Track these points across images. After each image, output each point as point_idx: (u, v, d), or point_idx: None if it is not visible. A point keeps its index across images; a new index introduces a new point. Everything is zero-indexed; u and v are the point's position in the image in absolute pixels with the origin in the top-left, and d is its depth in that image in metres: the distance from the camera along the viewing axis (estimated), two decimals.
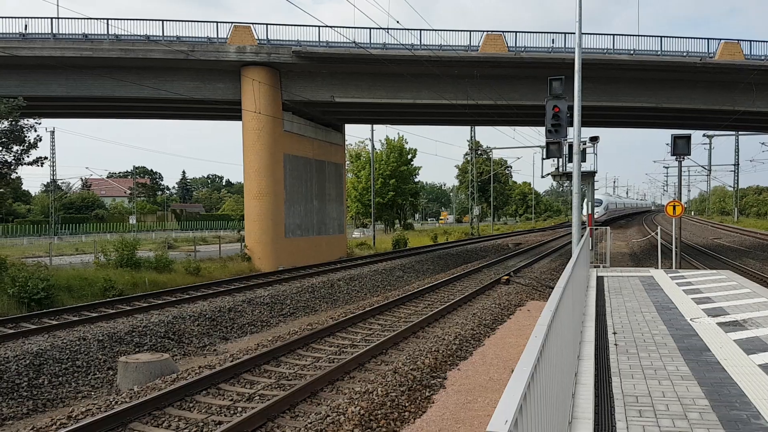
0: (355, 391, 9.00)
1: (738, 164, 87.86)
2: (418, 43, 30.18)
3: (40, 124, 24.86)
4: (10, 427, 9.07)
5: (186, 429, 7.70)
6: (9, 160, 23.68)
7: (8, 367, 11.10)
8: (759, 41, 31.13)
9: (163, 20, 29.62)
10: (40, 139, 24.90)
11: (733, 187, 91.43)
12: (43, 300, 17.01)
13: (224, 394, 9.20)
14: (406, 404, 8.74)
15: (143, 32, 29.57)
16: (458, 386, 9.77)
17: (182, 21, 30.33)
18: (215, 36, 30.08)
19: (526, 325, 14.62)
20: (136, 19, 29.29)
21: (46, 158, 26.22)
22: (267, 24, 30.39)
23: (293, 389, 8.72)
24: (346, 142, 42.48)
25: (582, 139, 18.26)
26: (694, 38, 31.31)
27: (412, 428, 7.95)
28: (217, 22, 30.12)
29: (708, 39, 31.19)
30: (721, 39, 31.12)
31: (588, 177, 24.35)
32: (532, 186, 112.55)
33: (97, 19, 29.40)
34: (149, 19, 29.87)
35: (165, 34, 29.61)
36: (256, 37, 30.02)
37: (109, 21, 29.19)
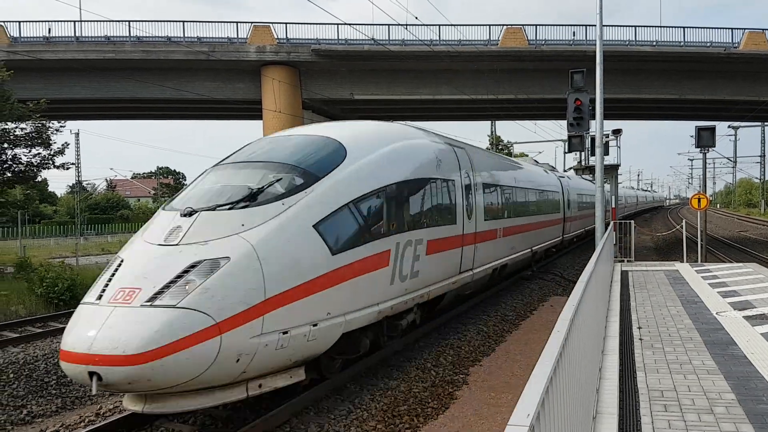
0: (378, 387, 9.04)
1: (764, 155, 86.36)
2: (437, 38, 30.12)
3: (64, 126, 25.29)
4: (40, 424, 9.24)
5: None
6: (34, 162, 24.09)
7: (37, 366, 11.32)
8: None
9: (183, 21, 29.94)
10: (68, 146, 25.32)
11: (760, 179, 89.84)
12: (69, 300, 17.29)
13: None
14: (429, 400, 8.75)
15: (164, 33, 29.88)
16: (481, 382, 9.76)
17: (202, 22, 30.70)
18: (235, 36, 30.33)
19: (550, 320, 14.54)
20: (157, 21, 29.62)
21: (73, 164, 26.67)
22: (286, 23, 30.59)
23: None
24: None
25: (604, 132, 18.09)
26: (717, 28, 30.92)
27: (434, 424, 7.96)
28: (237, 22, 30.38)
29: (732, 29, 30.76)
30: (745, 29, 30.66)
31: (611, 170, 24.09)
32: None
33: (118, 21, 29.81)
34: (170, 21, 30.21)
35: (186, 35, 29.90)
36: (276, 37, 30.18)
37: (131, 23, 29.53)
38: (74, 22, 29.66)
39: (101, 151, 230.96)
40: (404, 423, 7.87)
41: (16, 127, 23.46)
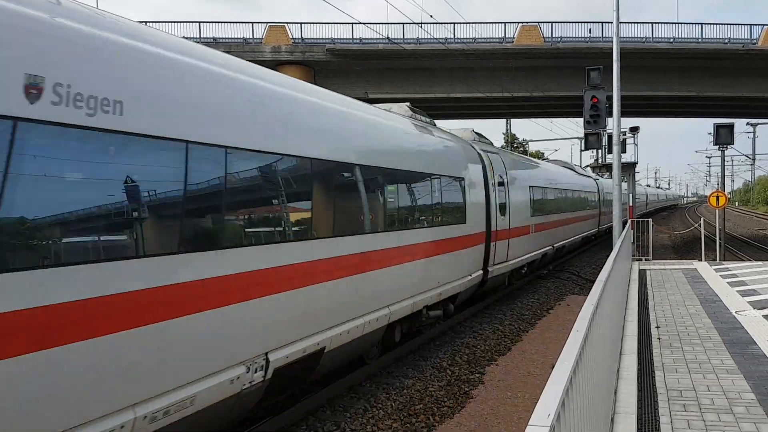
0: (394, 386, 9.04)
1: None
2: (452, 36, 30.07)
3: None
4: None
5: None
6: None
7: None
8: None
9: (199, 22, 30.18)
10: None
11: None
12: None
13: None
14: (445, 399, 8.74)
15: (180, 34, 30.06)
16: (497, 381, 9.73)
17: (218, 22, 30.82)
18: (251, 36, 30.45)
19: (567, 320, 14.46)
20: (173, 22, 29.83)
21: None
22: (301, 23, 30.67)
23: None
24: None
25: (621, 130, 17.95)
26: (735, 24, 30.74)
27: (450, 423, 7.95)
28: (252, 23, 30.51)
29: (750, 25, 30.43)
30: (763, 25, 30.31)
31: (628, 168, 23.92)
32: None
33: (135, 22, 30.05)
34: (186, 21, 30.43)
35: (202, 36, 30.08)
36: (291, 37, 30.28)
37: (147, 23, 29.73)
38: None
39: None
40: (420, 422, 7.87)
41: None
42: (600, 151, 24.65)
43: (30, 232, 3.97)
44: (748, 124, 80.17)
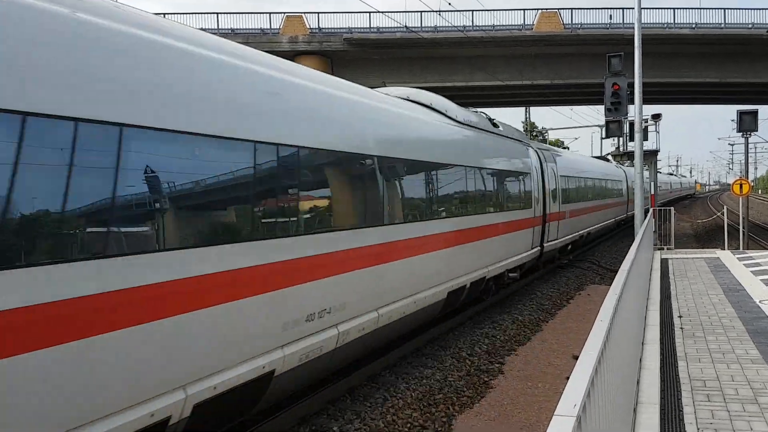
0: (413, 375, 9.05)
1: None
2: (470, 24, 29.84)
3: None
4: None
5: None
6: None
7: None
8: None
9: (217, 13, 30.21)
10: None
11: None
12: None
13: None
14: (465, 389, 8.73)
15: (198, 25, 30.16)
16: (517, 371, 9.69)
17: (236, 13, 30.91)
18: (268, 27, 30.47)
19: (587, 309, 14.37)
20: (191, 13, 29.98)
21: None
22: (318, 13, 30.61)
23: None
24: None
25: (643, 117, 17.72)
26: (759, 9, 30.06)
27: (470, 413, 7.94)
28: (269, 13, 30.52)
29: None
30: None
31: (650, 156, 23.64)
32: None
33: (154, 14, 30.21)
34: (204, 13, 30.57)
35: (219, 27, 30.15)
36: (308, 26, 30.24)
37: (165, 15, 29.86)
38: None
39: None
40: (440, 411, 7.86)
41: None
42: (621, 139, 24.39)
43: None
44: None
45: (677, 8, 30.44)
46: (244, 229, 5.44)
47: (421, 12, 30.61)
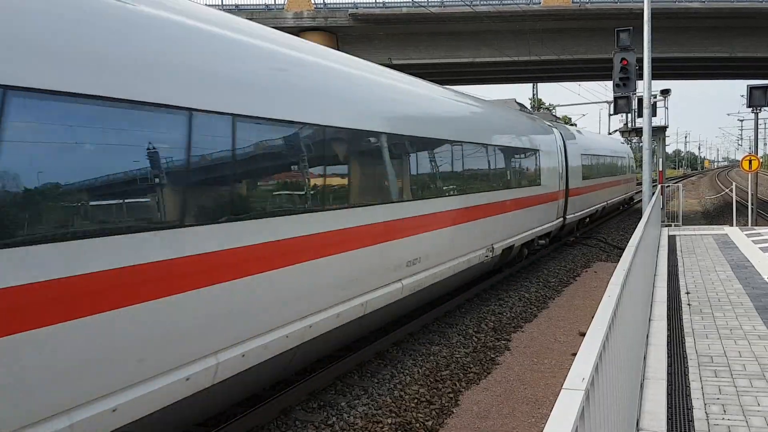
0: (420, 352, 9.09)
1: None
2: None
3: None
4: None
5: None
6: None
7: None
8: None
9: None
10: None
11: None
12: None
13: None
14: (471, 366, 8.77)
15: (201, 1, 29.87)
16: (523, 348, 9.72)
17: None
18: (273, 2, 30.18)
19: (593, 286, 14.37)
20: None
21: None
22: None
23: None
24: None
25: (652, 93, 17.54)
26: None
27: (477, 389, 7.98)
28: None
29: None
30: None
31: (659, 132, 23.49)
32: None
33: None
34: None
35: (224, 3, 29.88)
36: (313, 2, 29.94)
37: None
38: None
39: None
40: (446, 387, 7.91)
41: None
42: (629, 115, 24.20)
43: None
44: None
45: None
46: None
47: None
